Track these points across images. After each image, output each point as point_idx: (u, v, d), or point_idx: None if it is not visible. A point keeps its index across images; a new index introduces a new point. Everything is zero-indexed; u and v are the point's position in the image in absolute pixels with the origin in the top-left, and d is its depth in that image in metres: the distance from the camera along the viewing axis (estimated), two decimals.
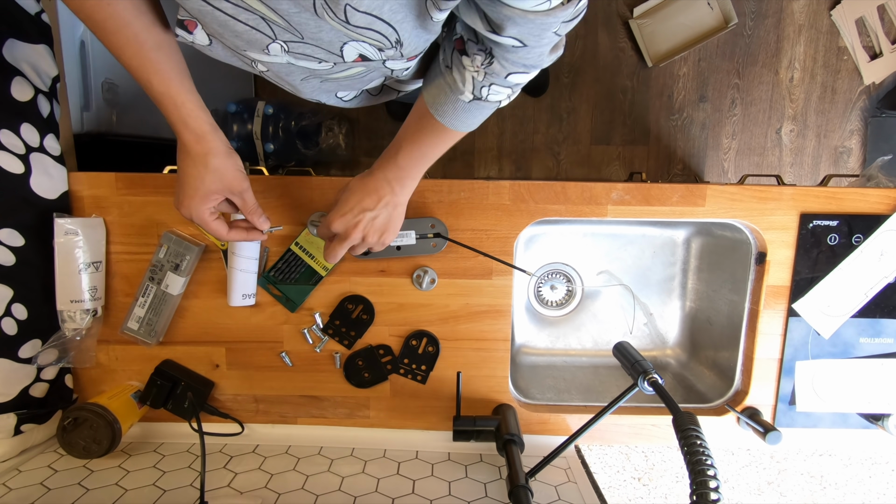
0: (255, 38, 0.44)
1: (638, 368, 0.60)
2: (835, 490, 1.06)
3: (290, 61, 0.49)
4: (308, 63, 0.49)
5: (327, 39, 0.44)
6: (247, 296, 0.72)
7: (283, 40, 0.45)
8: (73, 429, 0.67)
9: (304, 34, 0.43)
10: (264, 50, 0.46)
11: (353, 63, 0.49)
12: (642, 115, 1.66)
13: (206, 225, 0.56)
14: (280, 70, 0.51)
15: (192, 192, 0.53)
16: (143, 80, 0.48)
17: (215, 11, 0.41)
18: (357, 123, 1.65)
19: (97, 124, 0.91)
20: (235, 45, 0.46)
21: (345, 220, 0.58)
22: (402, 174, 0.58)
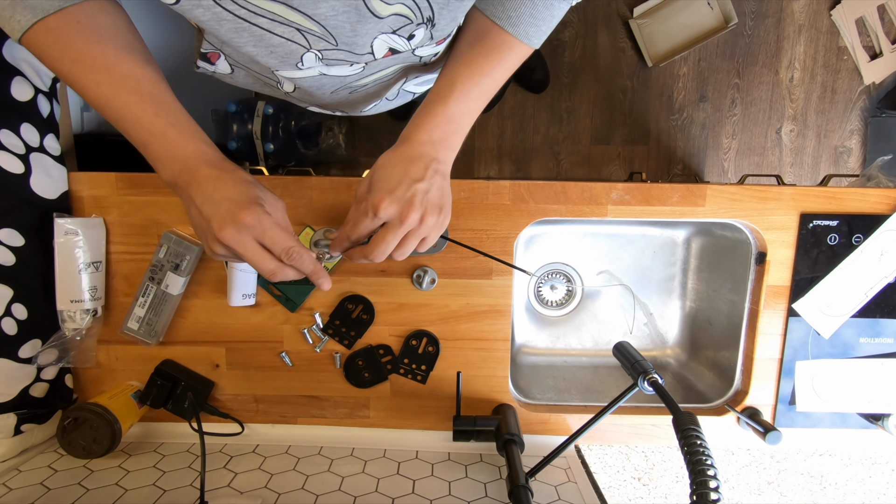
0: (290, 51, 0.43)
1: (638, 368, 0.60)
2: (835, 490, 1.06)
3: (322, 72, 0.48)
4: (340, 69, 0.48)
5: (360, 41, 0.43)
6: (247, 296, 0.72)
7: (318, 49, 0.44)
8: (73, 429, 0.67)
9: (339, 39, 0.43)
10: (298, 63, 0.46)
11: (382, 59, 0.47)
12: (642, 115, 1.66)
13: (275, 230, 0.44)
14: (310, 85, 0.50)
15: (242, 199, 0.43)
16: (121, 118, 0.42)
17: (252, 27, 0.40)
18: (357, 123, 1.65)
19: (97, 124, 0.91)
20: (268, 64, 0.45)
21: (395, 197, 0.44)
22: (451, 128, 0.48)
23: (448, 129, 0.48)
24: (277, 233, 0.43)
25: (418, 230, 0.47)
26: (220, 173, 0.43)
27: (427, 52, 0.49)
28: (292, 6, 0.39)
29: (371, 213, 0.45)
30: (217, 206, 0.42)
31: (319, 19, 0.40)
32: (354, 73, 0.50)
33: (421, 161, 0.46)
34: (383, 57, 0.47)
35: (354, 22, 0.41)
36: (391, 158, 0.47)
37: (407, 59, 0.50)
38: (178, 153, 0.43)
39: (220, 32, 0.41)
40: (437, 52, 0.51)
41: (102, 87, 0.40)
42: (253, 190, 0.44)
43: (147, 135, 0.42)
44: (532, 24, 0.46)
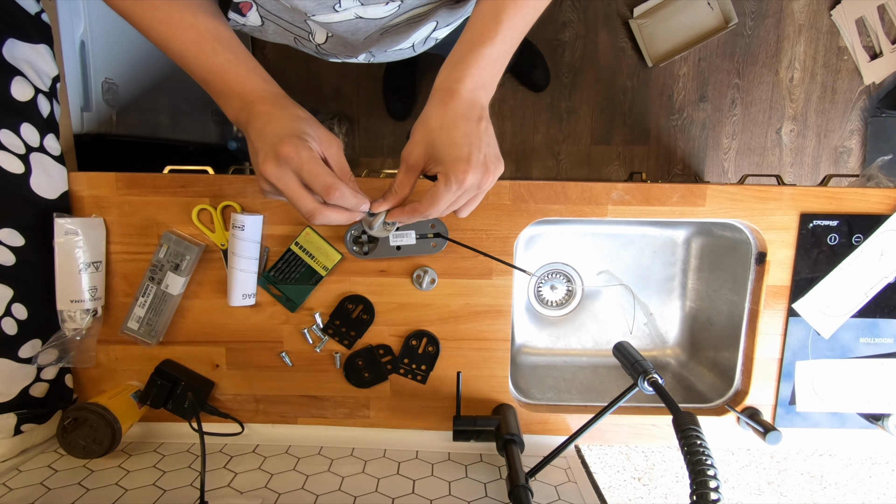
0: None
1: (638, 368, 0.60)
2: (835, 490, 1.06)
3: (358, 14, 0.46)
4: (376, 9, 0.47)
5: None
6: (247, 296, 0.72)
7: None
8: (73, 429, 0.67)
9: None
10: (335, 5, 0.44)
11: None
12: (642, 115, 1.66)
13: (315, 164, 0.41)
14: (345, 30, 0.49)
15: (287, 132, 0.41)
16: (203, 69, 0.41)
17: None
18: (357, 123, 1.65)
19: (97, 124, 0.91)
20: (305, 8, 0.44)
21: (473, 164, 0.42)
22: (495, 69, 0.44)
23: (492, 70, 0.44)
24: (316, 167, 0.41)
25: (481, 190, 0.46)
26: (273, 109, 0.42)
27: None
28: None
29: (456, 186, 0.43)
30: (264, 140, 0.41)
31: None
32: (390, 12, 0.48)
33: (475, 114, 0.43)
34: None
35: None
36: (447, 118, 0.43)
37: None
38: (236, 90, 0.43)
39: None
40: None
41: (162, 26, 0.40)
42: (300, 125, 0.42)
43: (207, 73, 0.42)
44: None
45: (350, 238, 0.72)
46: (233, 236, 0.70)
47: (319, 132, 0.44)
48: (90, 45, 0.87)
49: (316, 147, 0.42)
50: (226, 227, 0.73)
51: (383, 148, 1.67)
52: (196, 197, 0.72)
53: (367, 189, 0.72)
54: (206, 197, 0.72)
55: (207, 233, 0.72)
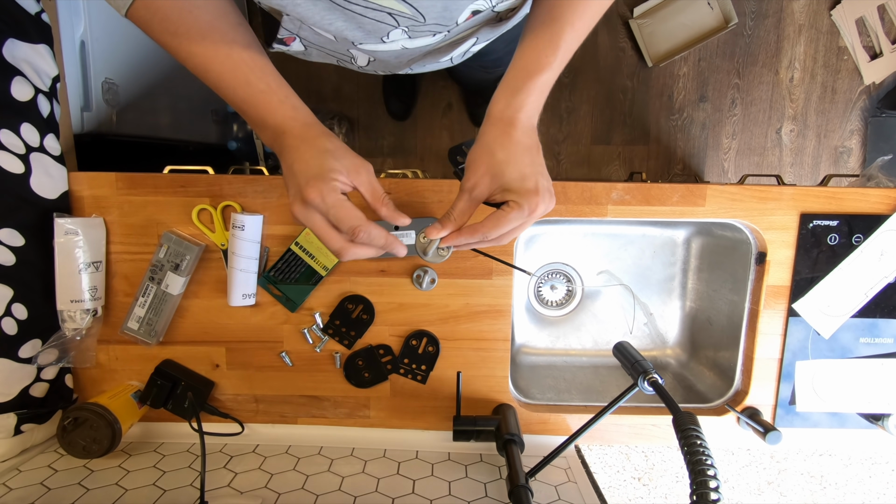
0: (377, 28, 0.45)
1: (638, 368, 0.60)
2: (835, 490, 1.06)
3: (404, 45, 0.49)
4: (423, 40, 0.49)
5: (449, 15, 0.44)
6: (247, 296, 0.72)
7: (406, 26, 0.45)
8: (73, 429, 0.67)
9: (428, 17, 0.44)
10: (383, 37, 0.47)
11: (464, 23, 0.48)
12: (642, 115, 1.66)
13: (340, 209, 0.42)
14: (388, 56, 0.52)
15: (312, 174, 0.42)
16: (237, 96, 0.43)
17: (345, 10, 0.41)
18: (357, 123, 1.65)
19: (97, 124, 0.91)
20: (353, 38, 0.46)
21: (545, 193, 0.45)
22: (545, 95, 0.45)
23: (546, 94, 0.45)
24: (342, 212, 0.41)
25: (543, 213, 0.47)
26: (301, 143, 0.43)
27: (505, 5, 0.48)
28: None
29: (528, 212, 0.44)
30: (294, 178, 0.42)
31: (413, 3, 0.41)
32: (435, 41, 0.51)
33: (534, 141, 0.45)
34: (465, 21, 0.48)
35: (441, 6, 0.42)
36: (513, 150, 0.44)
37: (486, 16, 0.49)
38: (268, 121, 0.44)
39: (311, 13, 0.41)
40: (515, 3, 0.50)
41: (198, 58, 0.41)
42: (327, 161, 0.42)
43: (241, 103, 0.43)
44: None
45: None
46: (233, 236, 0.70)
47: (347, 162, 0.44)
48: (90, 45, 0.87)
49: (344, 180, 0.43)
50: (226, 227, 0.73)
51: (383, 148, 1.67)
52: (196, 197, 0.72)
53: None
54: (206, 197, 0.72)
55: (207, 233, 0.72)
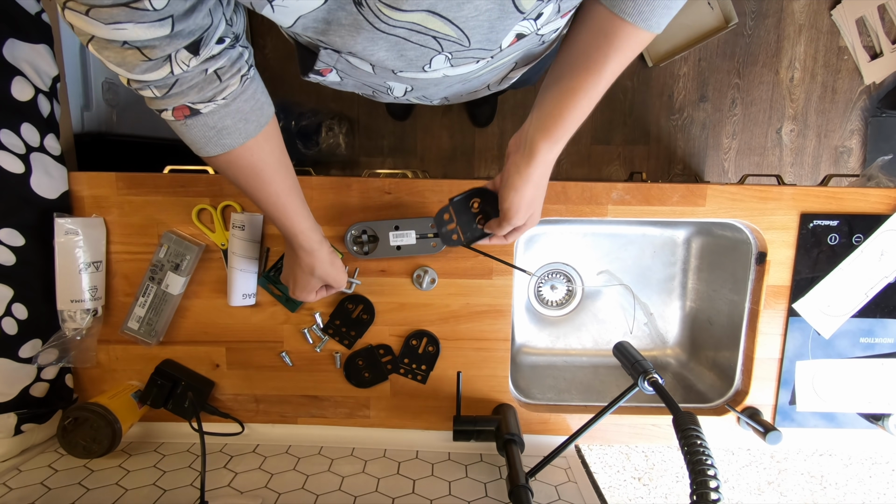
0: (421, 55, 0.44)
1: (638, 368, 0.60)
2: (835, 490, 1.06)
3: (446, 73, 0.49)
4: (465, 67, 0.49)
5: (495, 37, 0.43)
6: (247, 296, 0.72)
7: (449, 52, 0.45)
8: (73, 428, 0.67)
9: (473, 39, 0.43)
10: (425, 66, 0.47)
11: (508, 48, 0.47)
12: (642, 115, 1.66)
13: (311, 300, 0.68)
14: (427, 84, 0.53)
15: (302, 288, 0.65)
16: (272, 217, 0.56)
17: (389, 37, 0.41)
18: (357, 123, 1.65)
19: (97, 124, 0.91)
20: (394, 67, 0.46)
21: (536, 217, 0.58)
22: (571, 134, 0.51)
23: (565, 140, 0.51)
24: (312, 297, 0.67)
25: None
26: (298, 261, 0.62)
27: (550, 27, 0.47)
28: (436, 12, 0.38)
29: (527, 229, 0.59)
30: (295, 280, 0.65)
31: (459, 22, 0.40)
32: (478, 68, 0.50)
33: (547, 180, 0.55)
34: (509, 46, 0.47)
35: (495, 19, 0.41)
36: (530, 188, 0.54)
37: (530, 40, 0.48)
38: (289, 235, 0.59)
39: (354, 43, 0.41)
40: (559, 27, 0.48)
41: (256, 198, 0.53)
42: (314, 282, 0.64)
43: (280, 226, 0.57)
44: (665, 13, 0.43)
45: (350, 238, 0.72)
46: (233, 236, 0.70)
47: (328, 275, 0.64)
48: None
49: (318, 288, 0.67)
50: (226, 227, 0.73)
51: (383, 148, 1.67)
52: (196, 197, 0.72)
53: (368, 188, 0.72)
54: (206, 197, 0.72)
55: (207, 233, 0.72)
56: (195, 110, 0.43)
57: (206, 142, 0.46)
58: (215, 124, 0.45)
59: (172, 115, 0.43)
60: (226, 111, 0.45)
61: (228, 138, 0.46)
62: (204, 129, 0.45)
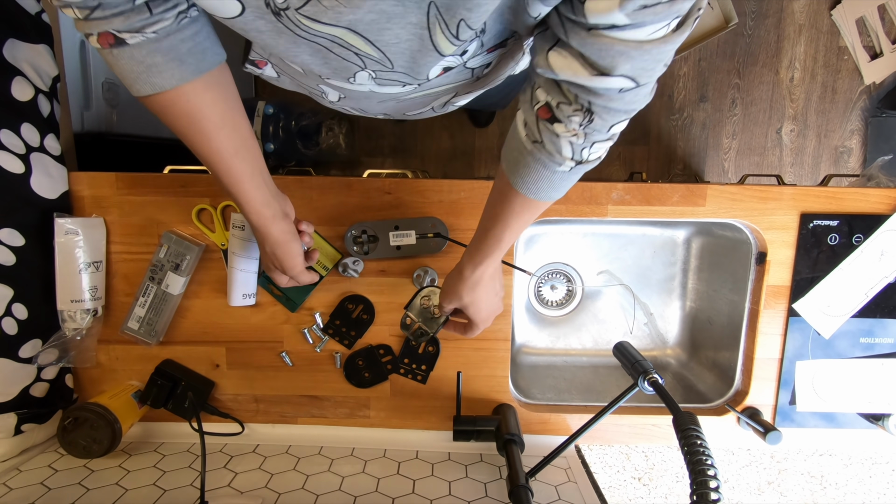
0: (344, 67, 0.44)
1: (638, 368, 0.60)
2: (835, 490, 1.06)
3: (372, 89, 0.49)
4: (391, 88, 0.49)
5: (418, 68, 0.44)
6: (247, 296, 0.72)
7: (373, 70, 0.45)
8: (73, 428, 0.67)
9: (396, 64, 0.43)
10: (350, 78, 0.47)
11: (437, 79, 0.48)
12: (642, 114, 1.65)
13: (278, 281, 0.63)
14: (358, 96, 0.52)
15: (264, 264, 0.63)
16: (218, 181, 0.51)
17: (311, 43, 0.41)
18: (357, 123, 1.65)
19: (97, 124, 0.91)
20: (320, 72, 0.46)
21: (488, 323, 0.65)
22: (502, 254, 0.58)
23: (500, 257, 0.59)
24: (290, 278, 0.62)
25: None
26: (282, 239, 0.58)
27: (478, 62, 0.49)
28: (356, 31, 0.38)
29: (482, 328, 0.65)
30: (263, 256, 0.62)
31: (381, 45, 0.40)
32: (406, 91, 0.51)
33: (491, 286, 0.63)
34: (436, 77, 0.48)
35: (416, 51, 0.41)
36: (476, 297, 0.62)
37: (459, 73, 0.50)
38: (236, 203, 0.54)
39: (277, 44, 0.41)
40: (489, 61, 0.50)
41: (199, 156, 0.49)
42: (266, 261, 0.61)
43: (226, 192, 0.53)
44: (558, 191, 0.50)
45: (350, 238, 0.72)
46: (233, 236, 0.70)
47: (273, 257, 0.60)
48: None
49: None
50: (226, 227, 0.73)
51: (383, 148, 1.67)
52: (196, 197, 0.72)
53: (368, 188, 0.72)
54: (206, 197, 0.72)
55: (207, 233, 0.72)
56: (120, 40, 0.40)
57: (135, 78, 0.42)
58: (143, 59, 0.41)
59: (98, 41, 0.41)
60: (155, 47, 0.41)
61: (158, 77, 0.42)
62: (131, 62, 0.42)
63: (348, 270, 0.73)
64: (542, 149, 0.45)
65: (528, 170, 0.47)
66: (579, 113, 0.41)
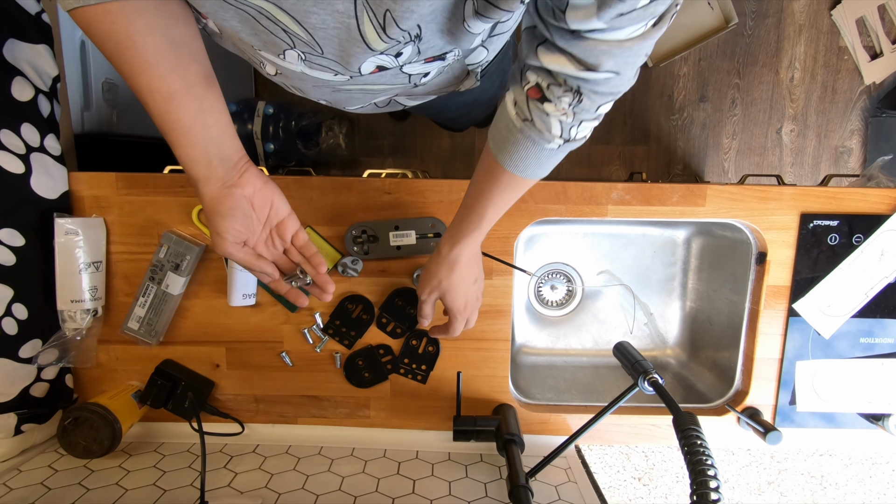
0: (273, 42, 0.44)
1: (638, 368, 0.60)
2: (835, 490, 1.06)
3: (303, 70, 0.49)
4: (323, 74, 0.49)
5: (348, 59, 0.44)
6: (247, 296, 0.72)
7: (302, 51, 0.45)
8: (73, 428, 0.67)
9: (325, 49, 0.43)
10: (279, 55, 0.46)
11: (369, 75, 0.48)
12: (642, 115, 1.66)
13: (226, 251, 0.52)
14: (292, 75, 0.51)
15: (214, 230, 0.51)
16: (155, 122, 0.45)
17: (237, 10, 0.40)
18: (357, 123, 1.65)
19: (97, 124, 0.91)
20: (251, 42, 0.45)
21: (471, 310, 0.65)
22: (482, 237, 0.60)
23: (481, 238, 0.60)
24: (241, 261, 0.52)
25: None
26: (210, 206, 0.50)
27: (415, 69, 0.50)
28: (282, 7, 0.38)
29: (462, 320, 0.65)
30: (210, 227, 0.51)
31: (308, 28, 0.40)
32: (338, 80, 0.50)
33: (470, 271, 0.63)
34: (370, 73, 0.48)
35: (344, 40, 0.41)
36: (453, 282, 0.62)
37: (395, 76, 0.50)
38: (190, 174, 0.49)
39: (204, 4, 0.40)
40: (427, 71, 0.51)
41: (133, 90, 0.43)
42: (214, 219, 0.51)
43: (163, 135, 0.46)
44: (545, 168, 0.50)
45: (350, 238, 0.72)
46: None
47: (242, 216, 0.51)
48: (90, 45, 0.87)
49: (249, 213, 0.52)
50: None
51: (383, 148, 1.67)
52: (196, 197, 0.72)
53: (368, 188, 0.72)
54: None
55: (207, 233, 0.72)
56: None
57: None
58: None
59: None
60: None
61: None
62: None
63: (348, 270, 0.73)
64: (532, 126, 0.46)
65: (516, 147, 0.48)
66: (569, 94, 0.42)
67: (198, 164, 0.48)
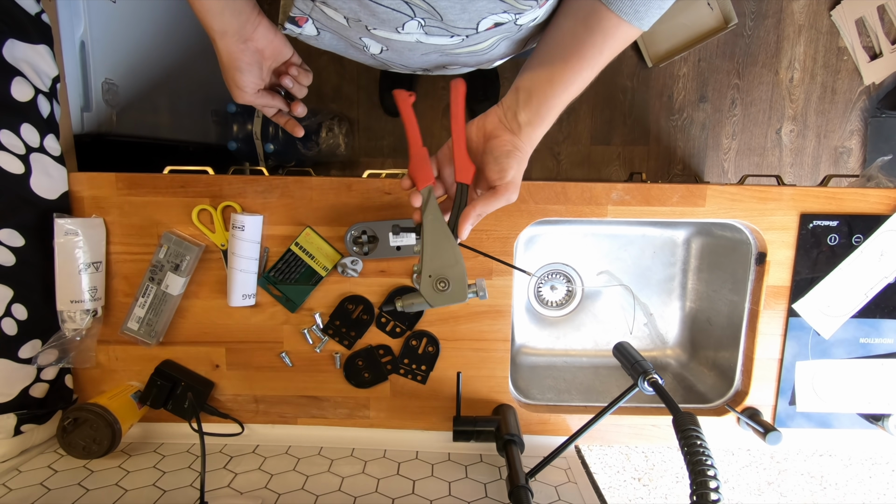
0: (393, 18, 0.45)
1: (638, 368, 0.60)
2: (835, 490, 1.06)
3: (419, 39, 0.49)
4: (439, 39, 0.49)
5: (467, 18, 0.44)
6: (247, 296, 0.72)
7: (422, 18, 0.45)
8: (73, 429, 0.67)
9: (445, 17, 0.44)
10: (398, 28, 0.47)
11: (485, 32, 0.48)
12: (642, 115, 1.66)
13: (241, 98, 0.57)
14: (402, 48, 0.52)
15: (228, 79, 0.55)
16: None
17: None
18: (357, 123, 1.65)
19: (97, 124, 0.91)
20: (368, 22, 0.47)
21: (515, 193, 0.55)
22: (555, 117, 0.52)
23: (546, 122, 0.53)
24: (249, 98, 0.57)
25: None
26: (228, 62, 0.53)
27: (529, 17, 0.48)
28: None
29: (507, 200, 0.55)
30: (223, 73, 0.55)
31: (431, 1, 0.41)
32: (453, 43, 0.51)
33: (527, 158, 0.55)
34: (486, 30, 0.48)
35: (466, 2, 0.42)
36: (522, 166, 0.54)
37: (508, 29, 0.50)
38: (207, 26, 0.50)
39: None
40: (538, 16, 0.49)
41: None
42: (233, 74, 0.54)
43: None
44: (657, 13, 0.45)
45: (350, 238, 0.72)
46: (233, 236, 0.70)
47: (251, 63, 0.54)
48: (90, 45, 0.87)
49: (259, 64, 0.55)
50: (226, 228, 0.73)
51: (383, 148, 1.67)
52: (196, 197, 0.72)
53: (368, 189, 0.72)
54: (206, 197, 0.72)
55: (207, 233, 0.72)
56: None
57: None
58: None
59: None
60: None
61: None
62: None
63: (347, 271, 0.73)
64: None
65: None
66: None
67: (213, 15, 0.49)
